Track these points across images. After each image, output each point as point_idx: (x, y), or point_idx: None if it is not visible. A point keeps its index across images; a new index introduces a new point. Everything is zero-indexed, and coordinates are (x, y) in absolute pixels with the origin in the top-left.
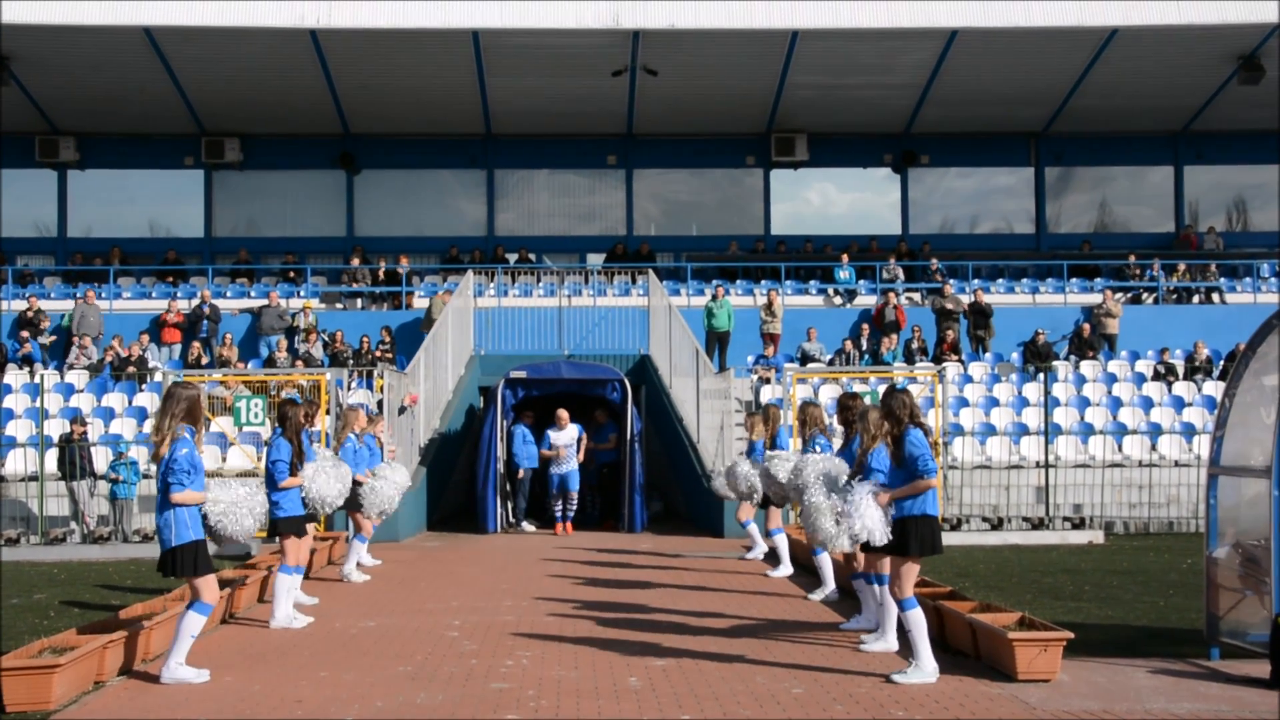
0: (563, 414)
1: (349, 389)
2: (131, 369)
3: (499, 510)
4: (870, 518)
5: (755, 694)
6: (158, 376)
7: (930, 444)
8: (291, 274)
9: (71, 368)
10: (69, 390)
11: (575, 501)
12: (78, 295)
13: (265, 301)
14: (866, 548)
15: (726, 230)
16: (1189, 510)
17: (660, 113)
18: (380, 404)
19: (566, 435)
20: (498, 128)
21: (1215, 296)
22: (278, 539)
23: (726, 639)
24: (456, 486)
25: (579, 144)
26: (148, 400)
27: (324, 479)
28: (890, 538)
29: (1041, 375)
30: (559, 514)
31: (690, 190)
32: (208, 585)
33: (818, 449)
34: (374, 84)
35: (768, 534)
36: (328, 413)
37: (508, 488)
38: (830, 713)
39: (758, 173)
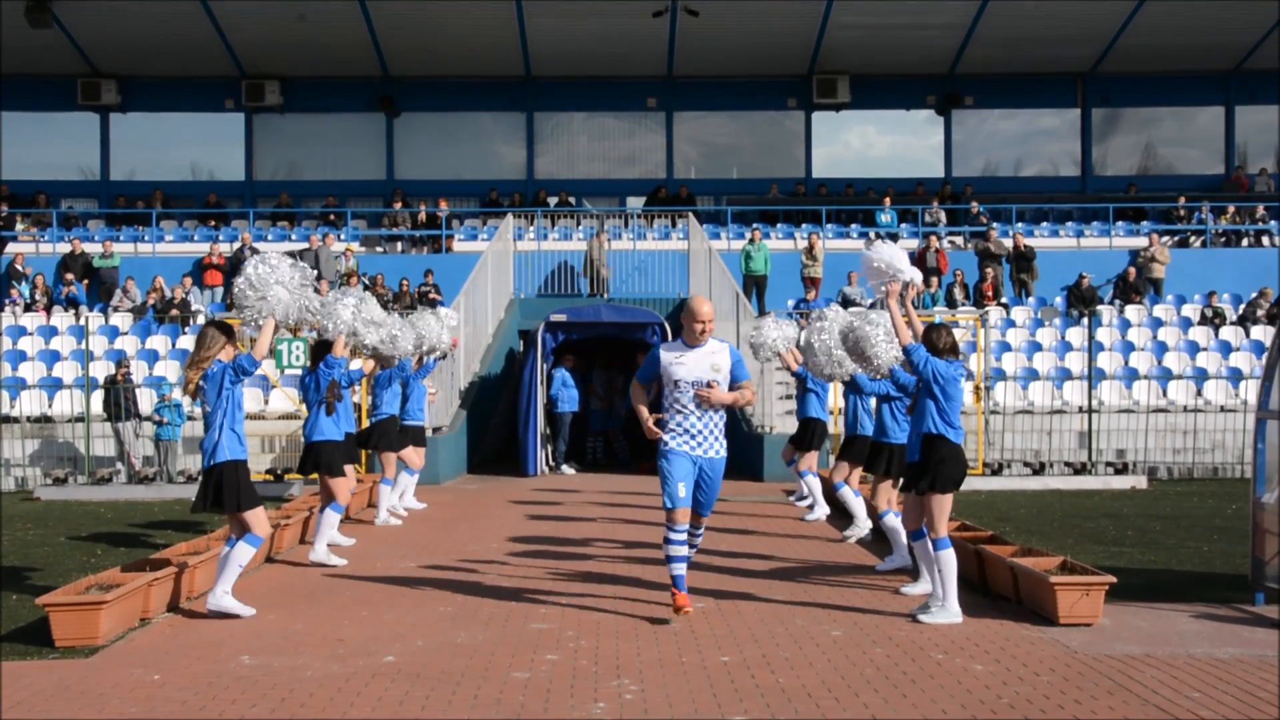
0: (701, 306)
1: None
2: (175, 311)
3: (540, 453)
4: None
5: (794, 635)
6: (200, 319)
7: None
8: (332, 217)
9: (116, 310)
10: (113, 333)
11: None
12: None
13: (306, 245)
14: (906, 488)
15: (767, 174)
16: (1234, 456)
17: (701, 55)
18: None
19: (699, 360)
20: (538, 70)
21: (1265, 240)
22: (318, 479)
23: (764, 581)
24: (496, 430)
25: (619, 86)
26: (190, 343)
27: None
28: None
29: (1085, 319)
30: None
31: (730, 133)
32: (257, 519)
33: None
34: (413, 26)
35: (800, 474)
36: None
37: (548, 431)
38: (869, 654)
39: (799, 115)
